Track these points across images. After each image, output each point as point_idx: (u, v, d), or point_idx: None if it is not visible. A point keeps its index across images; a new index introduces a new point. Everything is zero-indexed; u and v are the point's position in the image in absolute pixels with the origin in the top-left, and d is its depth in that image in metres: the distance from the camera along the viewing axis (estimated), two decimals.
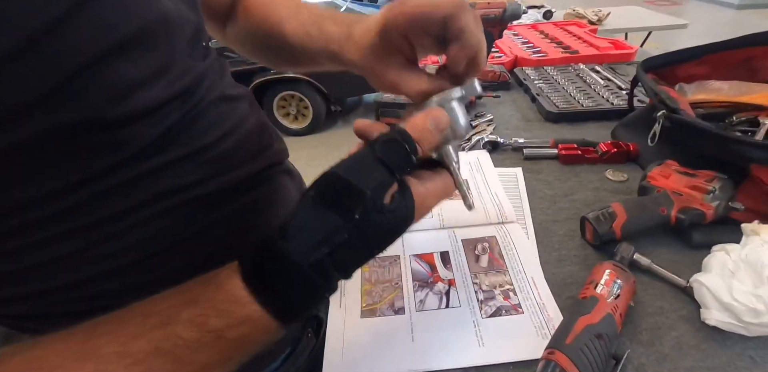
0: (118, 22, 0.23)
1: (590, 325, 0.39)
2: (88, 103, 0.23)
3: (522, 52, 1.24)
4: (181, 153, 0.29)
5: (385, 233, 0.26)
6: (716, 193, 0.52)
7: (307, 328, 0.47)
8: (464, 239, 0.56)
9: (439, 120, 0.28)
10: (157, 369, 0.22)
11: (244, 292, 0.23)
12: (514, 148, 0.78)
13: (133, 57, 0.24)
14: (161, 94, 0.27)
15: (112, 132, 0.25)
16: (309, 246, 0.24)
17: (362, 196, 0.24)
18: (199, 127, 0.31)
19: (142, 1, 0.25)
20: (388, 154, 0.26)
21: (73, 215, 0.25)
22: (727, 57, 0.77)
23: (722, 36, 0.78)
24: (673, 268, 0.49)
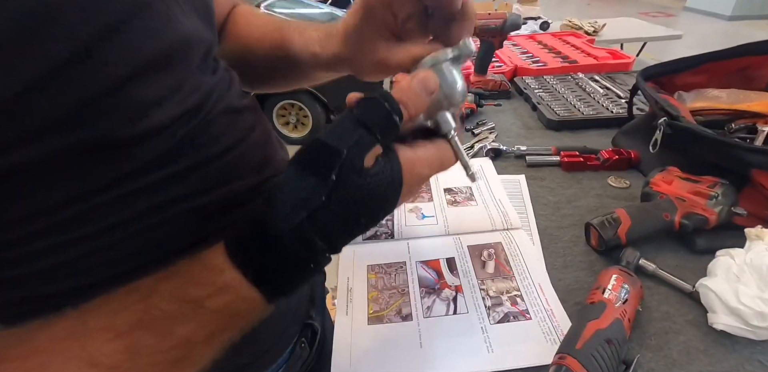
0: (143, 46, 0.23)
1: (599, 330, 0.39)
2: (107, 123, 0.23)
3: (521, 62, 1.26)
4: (187, 164, 0.30)
5: (368, 198, 0.25)
6: (719, 199, 0.53)
7: (300, 338, 0.46)
8: (470, 245, 0.56)
9: (427, 81, 0.27)
10: (140, 342, 0.21)
11: (222, 260, 0.23)
12: (517, 155, 0.79)
13: (153, 78, 0.25)
14: (173, 111, 0.27)
15: (124, 148, 0.25)
16: (286, 210, 0.23)
17: (338, 156, 0.24)
18: (205, 139, 0.31)
19: (165, 25, 0.25)
20: (366, 113, 0.25)
21: (77, 224, 0.26)
22: (723, 66, 0.78)
23: (715, 46, 0.80)
24: (678, 273, 0.49)
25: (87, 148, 0.23)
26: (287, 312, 0.43)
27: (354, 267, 0.54)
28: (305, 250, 0.24)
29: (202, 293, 0.23)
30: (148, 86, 0.24)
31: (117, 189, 0.26)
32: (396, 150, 0.27)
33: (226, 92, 0.35)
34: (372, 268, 0.54)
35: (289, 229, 0.23)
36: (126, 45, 0.22)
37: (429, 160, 0.28)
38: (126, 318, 0.22)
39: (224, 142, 0.32)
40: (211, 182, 0.31)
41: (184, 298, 0.23)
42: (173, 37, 0.26)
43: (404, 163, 0.27)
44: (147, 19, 0.24)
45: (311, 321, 0.48)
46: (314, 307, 0.50)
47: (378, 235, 0.59)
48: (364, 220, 0.26)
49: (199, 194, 0.31)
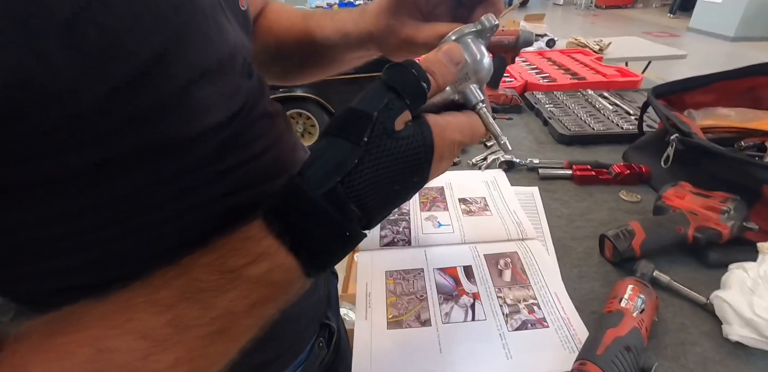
0: (202, 53, 0.25)
1: (619, 337, 0.40)
2: (170, 123, 0.25)
3: (531, 78, 1.29)
4: (231, 163, 0.31)
5: (402, 161, 0.25)
6: (731, 214, 0.54)
7: (319, 338, 0.47)
8: (486, 254, 0.57)
9: (452, 52, 0.28)
10: (185, 314, 0.22)
11: (259, 229, 0.24)
12: (529, 168, 0.81)
13: (208, 83, 0.27)
14: (221, 114, 0.29)
15: (180, 147, 0.27)
16: (320, 175, 0.24)
17: (368, 119, 0.24)
18: (245, 140, 0.33)
19: (218, 34, 0.27)
20: (395, 78, 0.26)
21: (129, 218, 0.27)
22: (732, 86, 0.80)
23: (718, 66, 0.83)
24: (692, 285, 0.50)
25: (151, 146, 0.25)
26: (307, 310, 0.44)
27: (372, 273, 0.55)
28: (340, 215, 0.24)
29: (241, 262, 0.23)
30: (204, 90, 0.26)
31: (173, 184, 0.27)
32: (425, 117, 0.27)
33: (260, 97, 0.37)
34: (390, 274, 0.55)
35: (322, 193, 0.24)
36: (189, 52, 0.24)
37: (460, 125, 0.29)
38: (169, 292, 0.22)
39: (261, 143, 0.34)
40: (251, 181, 0.33)
41: (223, 268, 0.23)
42: (224, 46, 0.28)
43: (434, 127, 0.27)
44: (206, 28, 0.26)
45: (328, 321, 0.49)
46: (330, 308, 0.51)
47: (395, 242, 0.61)
48: (397, 186, 0.26)
49: (239, 192, 0.33)
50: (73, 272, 0.28)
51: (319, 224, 0.24)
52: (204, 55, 0.26)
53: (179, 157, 0.27)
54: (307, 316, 0.45)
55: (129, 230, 0.28)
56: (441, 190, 0.73)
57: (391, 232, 0.62)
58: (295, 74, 0.53)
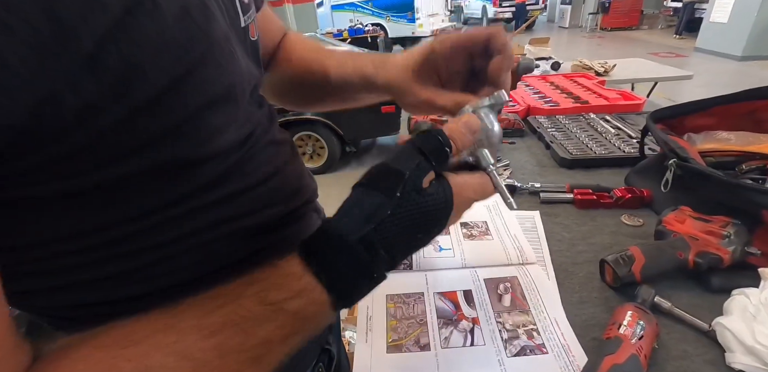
0: (216, 81, 0.28)
1: (616, 364, 0.40)
2: (184, 144, 0.27)
3: (534, 102, 1.31)
4: (237, 188, 0.34)
5: (426, 214, 0.29)
6: (731, 238, 0.54)
7: (318, 363, 0.48)
8: (486, 278, 0.58)
9: (471, 123, 0.32)
10: (228, 340, 0.24)
11: (299, 267, 0.26)
12: (531, 192, 0.82)
13: (220, 108, 0.29)
14: (231, 138, 0.32)
15: (191, 168, 0.29)
16: (356, 222, 0.27)
17: (401, 176, 0.28)
18: (252, 166, 0.35)
19: (229, 62, 0.30)
20: (424, 143, 0.30)
21: (148, 234, 0.29)
22: (732, 109, 0.81)
23: (727, 86, 0.84)
24: (693, 311, 0.50)
25: (165, 167, 0.27)
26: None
27: (373, 296, 0.56)
28: (371, 259, 0.27)
29: (283, 296, 0.25)
30: (216, 115, 0.29)
31: (183, 205, 0.30)
32: (446, 176, 0.31)
33: (269, 125, 0.40)
34: (391, 298, 0.55)
35: (357, 238, 0.26)
36: (202, 80, 0.27)
37: (474, 186, 0.32)
38: (216, 319, 0.24)
39: (267, 170, 0.37)
40: (255, 205, 0.35)
41: (266, 301, 0.25)
42: (235, 75, 0.31)
43: (454, 186, 0.30)
44: (219, 58, 0.28)
45: (329, 346, 0.50)
46: (332, 334, 0.52)
47: None
48: (420, 234, 0.29)
49: (245, 216, 0.35)
50: (87, 288, 0.30)
51: (352, 266, 0.27)
52: (216, 83, 0.28)
53: (191, 178, 0.30)
54: (308, 342, 0.45)
55: (141, 248, 0.30)
56: None
57: None
58: (313, 104, 0.56)
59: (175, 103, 0.25)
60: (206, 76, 0.27)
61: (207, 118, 0.28)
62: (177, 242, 0.31)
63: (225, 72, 0.29)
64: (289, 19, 6.61)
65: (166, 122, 0.25)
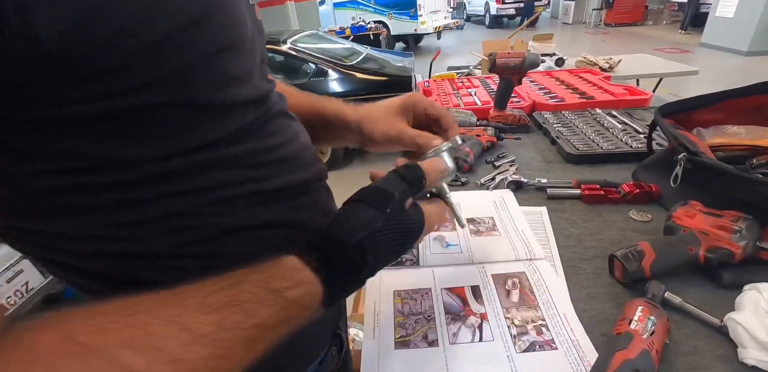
0: (228, 29, 0.30)
1: (627, 360, 0.39)
2: (200, 86, 0.29)
3: (539, 98, 1.30)
4: (255, 146, 0.35)
5: (407, 230, 0.35)
6: (743, 233, 0.53)
7: (331, 346, 0.49)
8: (494, 274, 0.57)
9: (440, 165, 0.41)
10: (228, 318, 0.26)
11: (300, 262, 0.30)
12: (538, 187, 0.81)
13: (232, 58, 0.31)
14: (246, 94, 0.34)
15: (211, 113, 0.31)
16: (353, 229, 0.32)
17: (392, 197, 0.34)
18: (268, 130, 0.37)
19: (239, 19, 0.32)
20: (408, 174, 0.37)
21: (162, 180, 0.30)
22: (740, 103, 0.80)
23: (732, 81, 0.83)
24: (704, 307, 0.49)
25: (186, 105, 0.29)
26: (323, 318, 0.45)
27: (380, 292, 0.56)
28: (362, 262, 0.32)
29: (284, 285, 0.28)
30: (227, 63, 0.31)
31: (207, 152, 0.31)
32: (419, 203, 0.38)
33: (280, 101, 0.41)
34: (398, 294, 0.55)
35: (354, 242, 0.31)
36: (216, 25, 0.29)
37: (437, 211, 0.41)
38: (219, 298, 0.26)
39: (282, 137, 0.39)
40: (274, 169, 0.37)
41: (269, 287, 0.28)
42: (245, 29, 0.33)
43: (425, 211, 0.38)
44: (232, 10, 0.31)
45: (340, 331, 0.51)
46: (341, 319, 0.53)
47: (403, 261, 0.61)
48: (398, 247, 0.35)
49: (264, 179, 0.36)
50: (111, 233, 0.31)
51: (347, 266, 0.32)
52: (226, 32, 0.31)
53: (213, 125, 0.31)
54: (322, 324, 0.47)
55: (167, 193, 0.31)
56: None
57: None
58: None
59: (194, 40, 0.27)
60: (219, 24, 0.29)
61: (219, 63, 0.30)
62: (201, 193, 0.32)
63: (235, 25, 0.31)
64: (291, 17, 6.61)
65: (184, 58, 0.27)
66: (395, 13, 8.52)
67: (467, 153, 0.92)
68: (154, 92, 0.26)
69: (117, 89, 0.25)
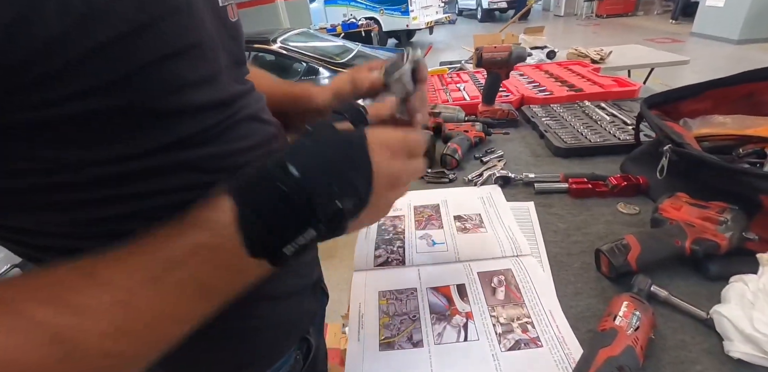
0: (180, 34, 0.29)
1: (611, 357, 0.39)
2: (152, 91, 0.28)
3: (528, 91, 1.30)
4: (215, 151, 0.34)
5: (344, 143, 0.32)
6: (729, 224, 0.53)
7: (296, 351, 0.48)
8: (480, 272, 0.57)
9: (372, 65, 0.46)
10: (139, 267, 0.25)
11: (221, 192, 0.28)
12: (525, 182, 0.80)
13: (187, 63, 0.30)
14: (205, 98, 0.33)
15: (164, 119, 0.30)
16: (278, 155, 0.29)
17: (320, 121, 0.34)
18: (233, 134, 0.36)
19: (197, 24, 0.31)
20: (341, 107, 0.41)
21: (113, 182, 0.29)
22: (728, 93, 0.80)
23: (724, 70, 0.82)
24: (691, 299, 0.49)
25: (137, 111, 0.28)
26: (287, 320, 0.46)
27: (366, 293, 0.55)
28: (281, 173, 0.28)
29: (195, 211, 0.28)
30: (183, 68, 0.30)
31: (161, 157, 0.30)
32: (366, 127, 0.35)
33: (254, 103, 0.40)
34: (383, 294, 0.54)
35: (272, 159, 0.29)
36: (166, 31, 0.28)
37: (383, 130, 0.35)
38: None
39: (250, 141, 0.37)
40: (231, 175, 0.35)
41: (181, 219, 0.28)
42: (202, 34, 0.32)
43: (370, 129, 0.34)
44: (185, 16, 0.30)
45: (308, 336, 0.50)
46: (313, 326, 0.52)
47: (389, 261, 0.61)
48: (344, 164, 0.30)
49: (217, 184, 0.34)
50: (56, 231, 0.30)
51: (260, 178, 0.28)
52: (181, 36, 0.29)
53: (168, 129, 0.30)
54: (285, 326, 0.46)
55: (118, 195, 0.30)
56: (436, 208, 0.74)
57: (386, 252, 0.62)
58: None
59: (135, 47, 0.26)
60: (170, 29, 0.28)
61: (171, 69, 0.29)
62: (156, 196, 0.31)
63: (190, 30, 0.30)
64: (281, 16, 6.56)
65: (126, 65, 0.26)
66: (387, 9, 8.46)
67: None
68: (101, 98, 0.26)
69: (61, 96, 0.24)
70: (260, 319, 0.42)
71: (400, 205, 0.75)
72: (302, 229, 0.28)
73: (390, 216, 0.73)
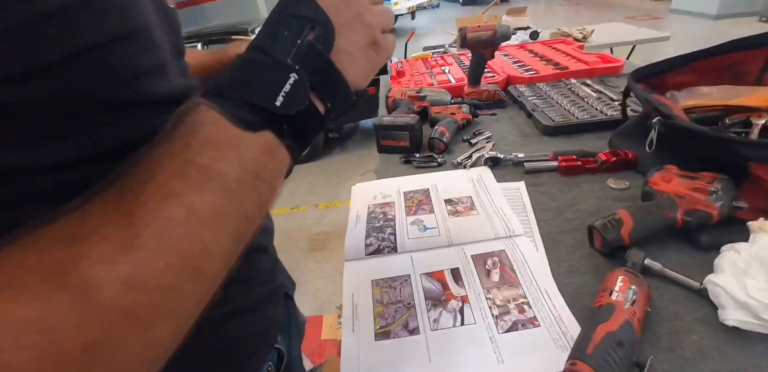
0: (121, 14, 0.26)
1: (610, 332, 0.38)
2: (98, 80, 0.25)
3: (514, 71, 1.28)
4: None
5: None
6: (719, 194, 0.53)
7: (268, 362, 0.46)
8: (473, 255, 0.56)
9: None
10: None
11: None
12: (515, 162, 0.79)
13: (136, 50, 0.27)
14: (161, 89, 0.30)
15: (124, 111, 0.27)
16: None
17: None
18: None
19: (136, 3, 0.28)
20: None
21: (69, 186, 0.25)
22: (712, 63, 0.79)
23: (703, 45, 0.81)
24: (685, 271, 0.49)
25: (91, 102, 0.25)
26: (257, 333, 0.44)
27: (359, 283, 0.54)
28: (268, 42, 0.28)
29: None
30: (134, 53, 0.27)
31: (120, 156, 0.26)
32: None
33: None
34: (377, 283, 0.53)
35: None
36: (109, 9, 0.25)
37: None
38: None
39: None
40: None
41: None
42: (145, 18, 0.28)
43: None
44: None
45: (278, 345, 0.48)
46: (281, 333, 0.50)
47: (381, 249, 0.59)
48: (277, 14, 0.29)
49: None
50: None
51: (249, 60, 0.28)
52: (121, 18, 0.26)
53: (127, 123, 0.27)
54: (255, 340, 0.44)
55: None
56: (426, 193, 0.72)
57: (377, 240, 0.61)
58: None
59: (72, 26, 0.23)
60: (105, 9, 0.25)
61: (123, 53, 0.26)
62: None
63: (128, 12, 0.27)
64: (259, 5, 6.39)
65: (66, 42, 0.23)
66: None
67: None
68: (40, 85, 0.22)
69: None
70: (232, 336, 0.40)
71: (389, 191, 0.74)
72: (279, 80, 0.26)
73: (379, 203, 0.71)
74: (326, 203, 2.74)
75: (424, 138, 0.92)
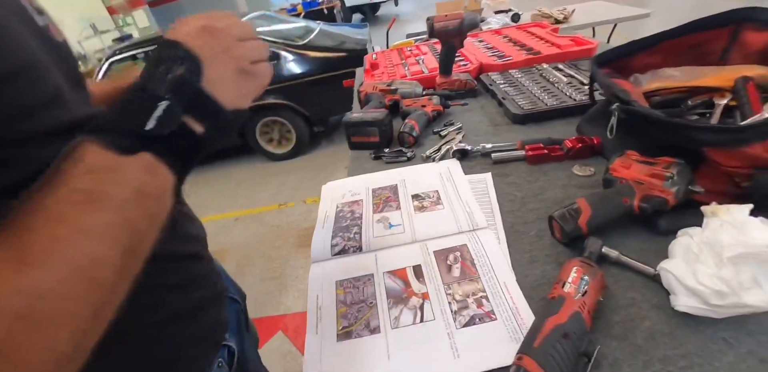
0: (3, 57, 0.27)
1: (558, 325, 0.39)
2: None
3: (486, 59, 1.27)
4: None
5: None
6: (675, 179, 0.53)
7: (218, 359, 0.47)
8: (436, 251, 0.56)
9: None
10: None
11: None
12: (483, 153, 0.79)
13: (24, 86, 0.28)
14: (62, 118, 0.30)
15: (12, 149, 0.27)
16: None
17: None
18: None
19: (17, 44, 0.28)
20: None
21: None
22: (676, 44, 0.79)
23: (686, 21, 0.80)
24: (642, 257, 0.49)
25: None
26: (200, 336, 0.45)
27: (323, 284, 0.54)
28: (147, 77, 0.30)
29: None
30: (21, 92, 0.27)
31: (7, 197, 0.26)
32: None
33: None
34: (341, 284, 0.54)
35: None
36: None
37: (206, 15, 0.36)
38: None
39: None
40: None
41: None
42: (30, 55, 0.29)
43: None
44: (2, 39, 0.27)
45: (226, 342, 0.49)
46: (229, 331, 0.51)
47: (346, 249, 0.60)
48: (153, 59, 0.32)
49: None
50: None
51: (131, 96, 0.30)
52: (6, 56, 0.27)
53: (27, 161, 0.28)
54: (199, 343, 0.45)
55: None
56: (394, 189, 0.72)
57: (342, 240, 0.61)
58: None
59: None
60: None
61: (7, 93, 0.27)
62: None
63: (12, 52, 0.28)
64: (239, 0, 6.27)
65: None
66: None
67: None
68: None
69: None
70: (174, 340, 0.41)
71: (358, 189, 0.74)
72: (150, 108, 0.29)
73: (348, 201, 0.71)
74: (314, 198, 2.74)
75: (395, 132, 0.92)
